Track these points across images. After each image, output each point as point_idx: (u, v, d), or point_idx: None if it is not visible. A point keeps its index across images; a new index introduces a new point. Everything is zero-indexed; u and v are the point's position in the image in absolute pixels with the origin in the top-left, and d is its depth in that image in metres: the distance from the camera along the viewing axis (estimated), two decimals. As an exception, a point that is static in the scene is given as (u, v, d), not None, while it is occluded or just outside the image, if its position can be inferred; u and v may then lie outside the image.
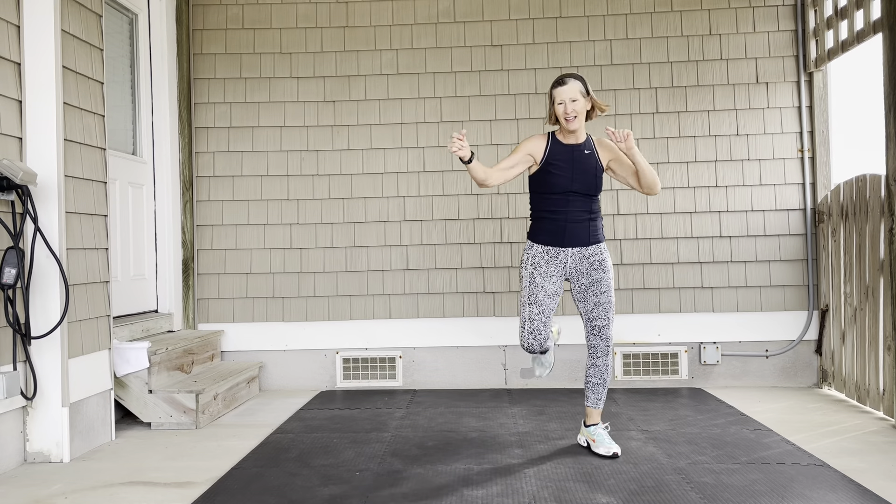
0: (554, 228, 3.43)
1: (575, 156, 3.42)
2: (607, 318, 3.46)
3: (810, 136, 5.00)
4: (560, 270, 3.45)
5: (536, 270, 3.43)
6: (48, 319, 3.46)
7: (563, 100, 3.38)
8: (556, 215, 3.42)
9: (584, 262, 3.44)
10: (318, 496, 2.95)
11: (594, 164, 3.44)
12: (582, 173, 3.41)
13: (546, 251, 3.44)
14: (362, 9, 5.17)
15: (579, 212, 3.42)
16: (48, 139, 3.47)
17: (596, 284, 3.44)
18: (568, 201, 3.41)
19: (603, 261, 3.45)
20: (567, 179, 3.40)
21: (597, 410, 3.56)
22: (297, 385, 5.14)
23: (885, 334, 4.08)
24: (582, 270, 3.45)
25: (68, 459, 3.49)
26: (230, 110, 5.18)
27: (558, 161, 3.41)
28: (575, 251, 3.44)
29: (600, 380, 3.53)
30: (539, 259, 3.44)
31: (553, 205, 3.43)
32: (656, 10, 5.08)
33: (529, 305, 3.42)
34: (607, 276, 3.45)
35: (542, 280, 3.42)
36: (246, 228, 5.17)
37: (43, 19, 3.46)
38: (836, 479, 3.05)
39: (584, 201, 3.43)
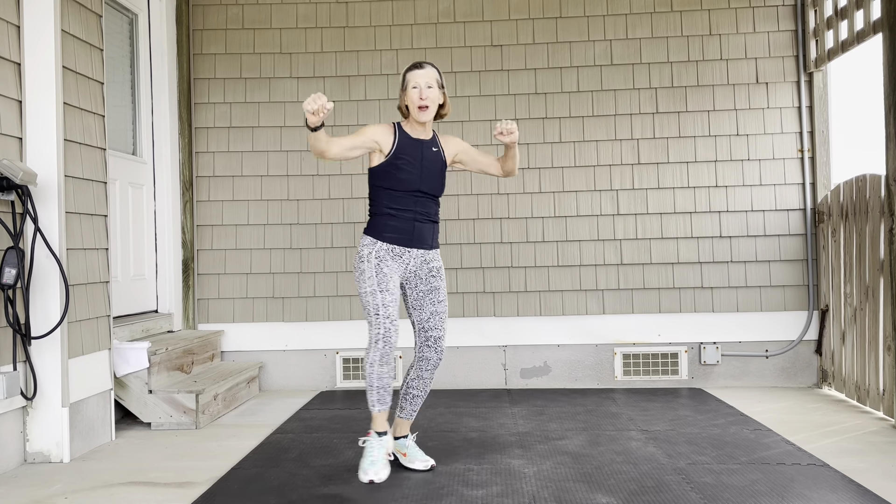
0: (402, 227, 3.15)
1: (424, 153, 3.19)
2: (443, 328, 3.24)
3: (810, 136, 5.00)
4: (400, 271, 3.17)
5: (381, 263, 3.12)
6: (48, 319, 3.46)
7: (417, 84, 3.12)
8: (405, 213, 3.15)
9: (425, 267, 3.21)
10: (318, 496, 2.95)
11: (441, 164, 3.23)
12: (430, 172, 3.18)
13: (391, 250, 3.14)
14: (362, 9, 5.17)
15: (426, 213, 3.19)
16: (48, 139, 3.47)
17: (434, 292, 3.22)
18: (416, 200, 3.16)
19: (440, 268, 3.25)
20: (416, 178, 3.15)
21: (409, 422, 3.36)
22: (297, 385, 5.14)
23: (885, 334, 4.08)
24: (421, 276, 3.21)
25: (68, 459, 3.49)
26: (230, 110, 5.18)
27: (407, 156, 3.15)
28: (419, 254, 3.19)
29: (422, 392, 3.30)
30: (384, 254, 3.13)
31: (400, 202, 3.15)
32: (656, 10, 5.08)
33: (381, 293, 3.08)
34: (444, 285, 3.25)
35: (388, 271, 3.12)
36: (246, 228, 5.17)
37: (43, 19, 3.46)
38: (836, 480, 3.05)
39: (432, 203, 3.22)
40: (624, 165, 5.06)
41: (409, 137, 3.19)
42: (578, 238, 5.06)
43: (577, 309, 5.06)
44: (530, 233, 5.08)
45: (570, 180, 5.08)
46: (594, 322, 5.06)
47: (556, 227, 5.07)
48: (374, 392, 3.12)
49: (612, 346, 5.06)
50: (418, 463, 3.28)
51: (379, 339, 3.08)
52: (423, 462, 3.29)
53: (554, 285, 5.06)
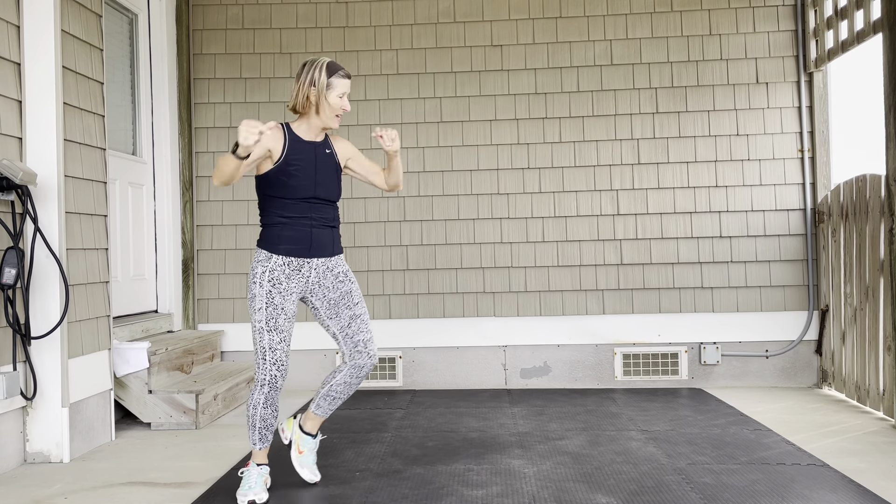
0: (298, 236, 2.91)
1: (318, 156, 2.96)
2: (368, 330, 3.03)
3: (810, 136, 5.00)
4: (300, 287, 2.94)
5: (275, 288, 2.87)
6: (48, 319, 3.46)
7: (345, 93, 2.92)
8: (300, 222, 2.92)
9: (329, 275, 2.98)
10: (318, 496, 2.95)
11: (335, 166, 3.02)
12: (325, 176, 2.96)
13: (287, 264, 2.90)
14: (362, 9, 5.17)
15: (324, 219, 2.97)
16: (48, 139, 3.47)
17: (347, 296, 3.00)
18: (311, 207, 2.93)
19: (347, 271, 3.04)
20: (310, 183, 2.91)
21: (322, 420, 3.13)
22: (296, 385, 5.14)
23: (885, 334, 4.08)
24: (327, 284, 2.98)
25: (68, 459, 3.49)
26: (230, 110, 5.18)
27: (298, 161, 2.91)
28: (320, 263, 2.96)
29: (345, 395, 3.08)
30: (279, 273, 2.88)
31: (294, 210, 2.91)
32: (656, 10, 5.08)
33: (269, 332, 2.86)
34: (356, 287, 3.04)
35: (281, 300, 2.87)
36: (246, 228, 5.16)
37: (43, 19, 3.46)
38: (836, 480, 3.05)
39: (330, 208, 3.00)
40: (624, 165, 5.06)
41: (301, 140, 2.94)
42: (578, 238, 5.06)
43: (577, 309, 5.06)
44: (530, 233, 5.07)
45: (570, 180, 5.08)
46: (594, 322, 5.06)
47: (556, 227, 5.07)
48: (255, 432, 2.95)
49: (612, 346, 5.06)
50: (307, 470, 3.10)
51: (265, 384, 2.90)
52: (312, 473, 3.10)
53: (554, 285, 5.06)
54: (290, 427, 3.16)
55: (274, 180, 2.90)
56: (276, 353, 2.88)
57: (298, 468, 3.10)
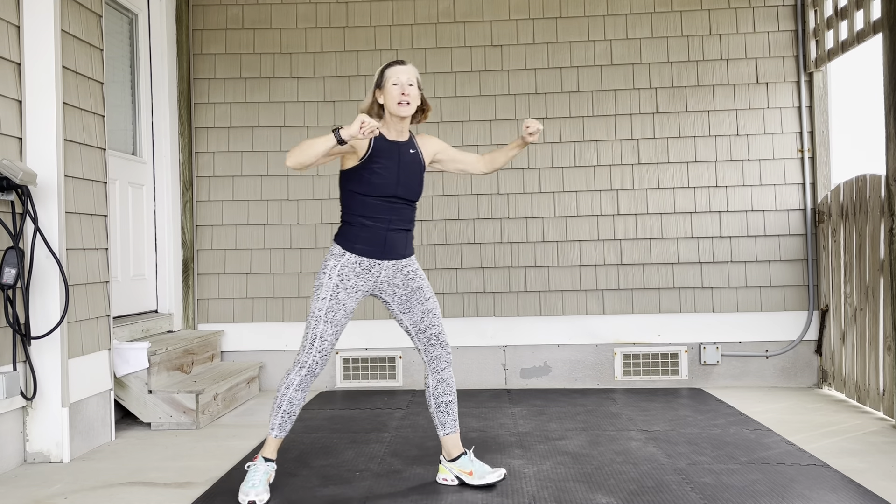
0: (373, 238, 2.95)
1: (402, 156, 2.98)
2: (441, 323, 3.08)
3: (810, 137, 5.00)
4: (368, 286, 2.99)
5: (343, 284, 2.93)
6: (48, 320, 3.46)
7: (399, 80, 2.92)
8: (377, 223, 2.96)
9: (398, 275, 3.02)
10: (317, 496, 2.95)
11: (420, 167, 3.04)
12: (408, 176, 2.98)
13: (359, 263, 2.95)
14: (362, 9, 5.17)
15: (400, 220, 3.00)
16: (48, 139, 3.47)
17: (418, 292, 3.04)
18: (391, 208, 2.97)
19: (416, 270, 3.06)
20: (392, 183, 2.94)
21: (457, 434, 3.10)
22: (297, 385, 5.13)
23: (885, 334, 4.08)
24: (397, 283, 3.03)
25: (68, 460, 3.49)
26: (230, 110, 5.18)
27: (383, 159, 2.94)
28: (390, 265, 3.00)
29: (452, 396, 3.09)
30: (349, 271, 2.94)
31: (374, 210, 2.95)
32: (656, 10, 5.08)
33: (325, 323, 2.93)
34: (426, 283, 3.08)
35: (345, 296, 2.93)
36: (246, 228, 5.16)
37: (43, 19, 3.46)
38: (837, 480, 3.05)
39: (406, 209, 3.01)
40: (624, 165, 5.06)
41: (386, 140, 2.98)
42: (578, 238, 5.06)
43: (577, 309, 5.06)
44: (530, 233, 5.07)
45: (570, 180, 5.08)
46: (594, 322, 5.06)
47: (556, 227, 5.07)
48: (279, 415, 2.96)
49: (612, 346, 5.06)
50: (490, 476, 3.02)
51: (305, 367, 2.95)
52: (495, 473, 3.04)
53: (554, 285, 5.06)
54: (443, 471, 3.11)
55: (358, 177, 2.95)
56: (324, 343, 2.95)
57: (482, 481, 3.02)
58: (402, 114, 2.94)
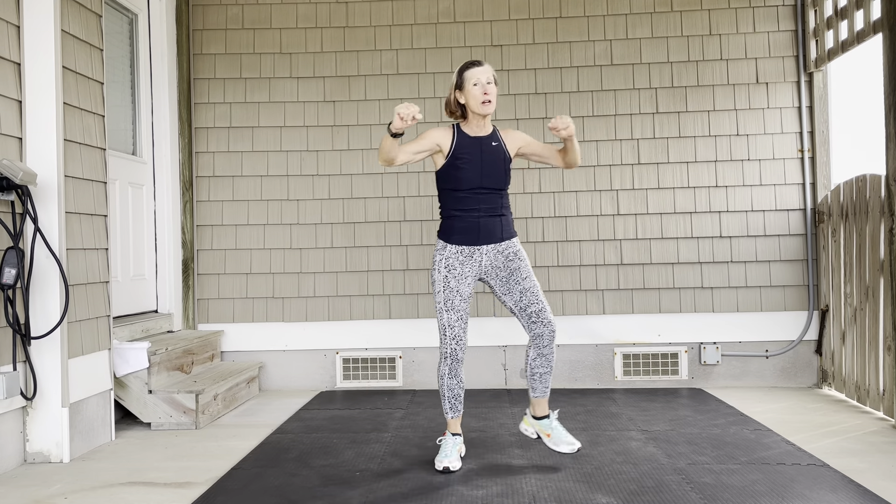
0: (467, 227, 3.24)
1: (483, 149, 3.24)
2: (540, 301, 3.27)
3: (810, 137, 5.00)
4: (475, 271, 3.28)
5: (451, 273, 3.24)
6: (48, 319, 3.46)
7: (479, 80, 3.18)
8: (469, 213, 3.24)
9: (500, 257, 3.29)
10: (318, 496, 2.95)
11: (503, 157, 3.27)
12: (491, 166, 3.23)
13: (461, 251, 3.25)
14: (362, 9, 5.17)
15: (490, 208, 3.25)
16: (48, 139, 3.47)
17: (516, 272, 3.28)
18: (479, 198, 3.24)
19: (517, 251, 3.30)
20: (476, 174, 3.22)
21: (545, 399, 3.38)
22: (296, 385, 5.14)
23: (885, 334, 4.08)
24: (498, 265, 3.29)
25: (68, 459, 3.49)
26: (230, 110, 5.18)
27: (465, 154, 3.22)
28: (490, 248, 3.27)
29: (548, 369, 3.33)
30: (453, 261, 3.25)
31: (464, 203, 3.24)
32: (656, 10, 5.08)
33: (447, 312, 3.24)
34: (525, 264, 3.29)
35: (456, 283, 3.24)
36: (246, 228, 5.17)
37: (43, 19, 3.46)
38: (837, 480, 3.05)
39: (495, 197, 3.26)
40: (624, 165, 5.06)
41: (468, 136, 3.26)
42: (578, 238, 5.06)
43: (577, 309, 5.06)
44: (530, 233, 5.07)
45: (570, 180, 5.08)
46: (594, 322, 5.06)
47: (556, 227, 5.07)
48: (446, 401, 3.34)
49: (612, 346, 5.06)
50: (564, 446, 3.30)
51: (447, 356, 3.28)
52: (570, 445, 3.30)
53: (554, 285, 5.06)
54: (528, 424, 3.46)
55: (446, 174, 3.25)
56: (453, 330, 3.24)
57: (556, 447, 3.33)
58: (485, 112, 3.21)
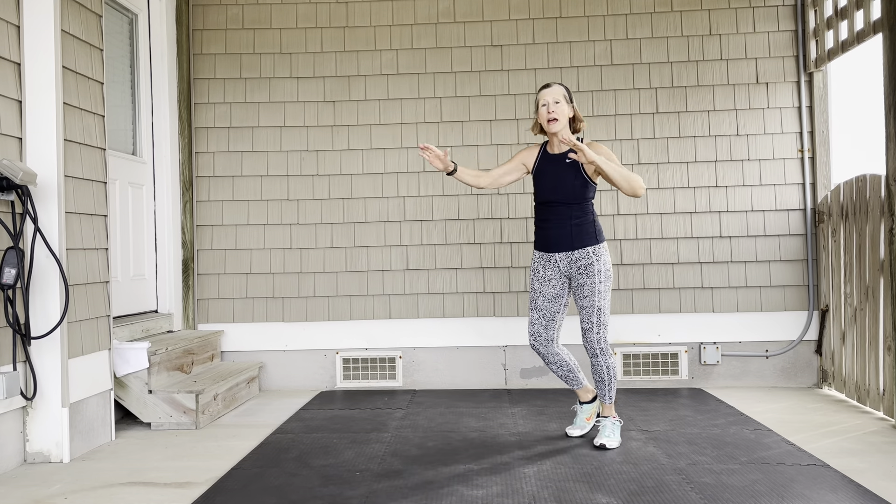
0: (542, 235, 3.66)
1: (558, 166, 3.58)
2: (590, 321, 3.55)
3: (810, 137, 5.00)
4: (558, 273, 3.62)
5: (535, 276, 3.67)
6: (48, 319, 3.46)
7: (546, 101, 3.54)
8: (544, 223, 3.64)
9: (573, 266, 3.58)
10: (318, 496, 2.95)
11: (574, 173, 3.55)
12: (561, 182, 3.56)
13: (541, 257, 3.67)
14: (362, 9, 5.17)
15: (560, 219, 3.57)
16: (48, 139, 3.47)
17: (580, 289, 3.56)
18: (550, 210, 3.60)
19: (589, 265, 3.54)
20: (549, 189, 3.59)
21: (606, 406, 3.68)
22: (296, 385, 5.14)
23: (885, 334, 4.08)
24: (573, 274, 3.60)
25: (68, 459, 3.49)
26: (230, 110, 5.18)
27: (543, 171, 3.63)
28: (563, 255, 3.59)
29: (598, 378, 3.63)
30: (537, 265, 3.68)
31: (541, 213, 3.66)
32: (656, 10, 5.08)
33: (531, 311, 3.69)
34: (591, 281, 3.52)
35: (539, 286, 3.65)
36: (246, 228, 5.17)
37: (43, 19, 3.46)
38: (837, 480, 3.05)
39: (565, 209, 3.57)
40: (624, 165, 5.06)
41: (549, 154, 3.65)
42: (578, 238, 5.06)
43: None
44: (530, 233, 5.07)
45: (570, 180, 5.07)
46: (594, 322, 5.06)
47: (556, 227, 5.07)
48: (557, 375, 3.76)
49: (612, 346, 5.06)
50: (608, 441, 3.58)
51: (532, 347, 3.72)
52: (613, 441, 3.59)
53: (554, 285, 5.06)
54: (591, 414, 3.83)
55: (533, 187, 3.69)
56: (533, 326, 3.68)
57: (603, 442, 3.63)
58: (552, 130, 3.56)
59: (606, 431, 3.59)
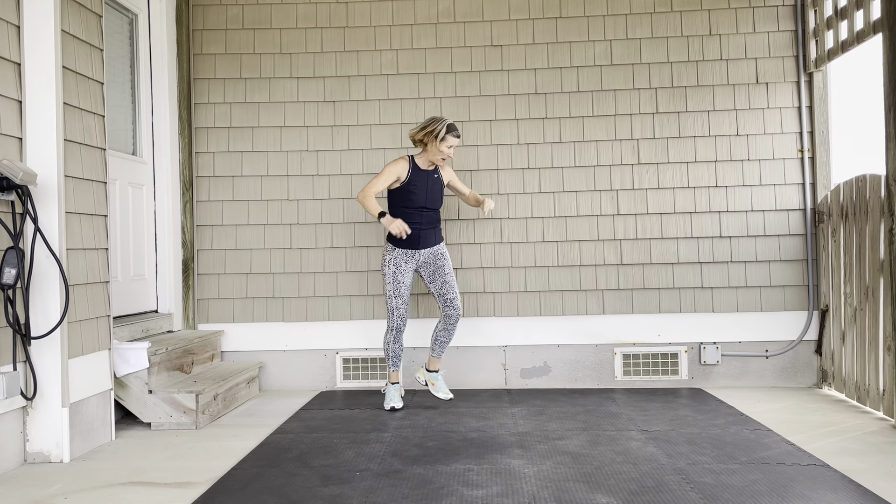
0: (412, 236, 4.33)
1: (430, 180, 4.40)
2: (455, 292, 4.46)
3: (810, 137, 5.00)
4: (413, 266, 4.42)
5: (398, 269, 4.36)
6: (48, 319, 3.46)
7: (453, 146, 4.33)
8: (413, 225, 4.32)
9: (431, 256, 4.44)
10: (318, 496, 2.95)
11: (441, 185, 4.47)
12: (433, 193, 4.40)
13: (405, 253, 4.37)
14: (362, 9, 5.17)
15: (429, 221, 4.40)
16: (48, 139, 3.47)
17: (441, 268, 4.45)
18: (422, 214, 4.36)
19: (443, 253, 4.48)
20: (422, 198, 4.35)
21: (439, 360, 4.62)
22: (296, 385, 5.14)
23: (885, 334, 4.08)
24: (429, 262, 4.45)
25: (68, 459, 3.49)
26: (230, 110, 5.18)
27: (417, 183, 4.35)
28: (426, 251, 4.42)
29: (448, 339, 4.53)
30: (399, 260, 4.36)
31: (410, 217, 4.33)
32: (656, 10, 5.08)
33: (395, 298, 4.36)
34: (448, 262, 4.48)
35: (402, 277, 4.37)
36: (246, 228, 5.17)
37: (43, 19, 3.46)
38: (836, 480, 3.05)
39: (433, 213, 4.41)
40: (624, 165, 5.06)
41: (419, 169, 4.40)
42: (578, 238, 5.06)
43: (577, 309, 5.06)
44: (530, 233, 5.08)
45: (570, 180, 5.08)
46: (594, 322, 5.06)
47: (556, 227, 5.08)
48: (389, 360, 4.51)
49: (612, 346, 5.06)
50: (441, 394, 4.62)
51: (393, 329, 4.43)
52: (445, 394, 4.62)
53: (554, 285, 5.06)
54: (422, 374, 4.69)
55: (399, 195, 4.36)
56: (399, 311, 4.38)
57: (436, 393, 4.64)
58: (438, 164, 4.43)
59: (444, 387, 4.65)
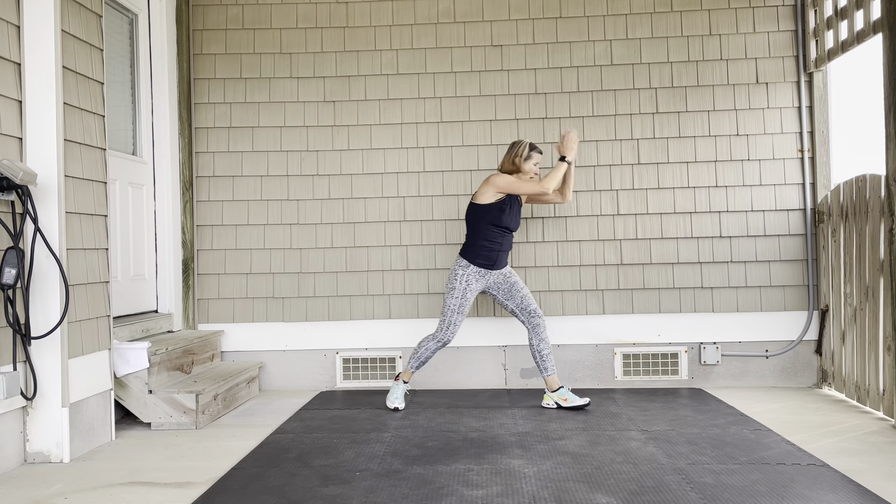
0: (490, 256, 4.34)
1: (515, 202, 4.40)
2: (533, 301, 4.46)
3: (810, 137, 5.00)
4: (483, 286, 4.41)
5: (469, 287, 4.34)
6: (48, 319, 3.46)
7: (538, 163, 4.39)
8: (495, 245, 4.33)
9: (501, 277, 4.42)
10: (318, 496, 2.95)
11: (521, 206, 4.45)
12: (517, 215, 4.41)
13: (478, 272, 4.35)
14: (362, 9, 5.17)
15: (507, 245, 4.40)
16: (48, 139, 3.47)
17: (514, 285, 4.44)
18: (504, 236, 4.36)
19: (511, 271, 4.47)
20: (510, 221, 4.36)
21: (555, 376, 4.43)
22: (296, 385, 5.14)
23: (885, 334, 4.08)
24: (500, 282, 4.43)
25: (68, 460, 3.49)
26: (230, 110, 5.18)
27: (510, 205, 4.36)
28: (497, 272, 4.41)
29: (550, 349, 4.44)
30: (472, 278, 4.34)
31: (494, 237, 4.32)
32: (656, 10, 5.08)
33: (458, 313, 4.34)
34: (518, 278, 4.47)
35: (470, 295, 4.36)
36: (246, 228, 5.17)
37: (43, 19, 3.46)
38: (836, 480, 3.05)
39: (510, 237, 4.42)
40: (624, 165, 5.06)
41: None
42: (578, 238, 5.06)
43: (577, 309, 5.06)
44: (530, 233, 5.08)
45: (570, 180, 5.08)
46: (594, 322, 5.06)
47: (556, 227, 5.07)
48: (416, 361, 4.46)
49: (612, 346, 5.06)
50: (579, 402, 4.38)
51: (441, 341, 4.40)
52: (581, 400, 4.39)
53: (554, 285, 5.06)
54: (548, 399, 4.46)
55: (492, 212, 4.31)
56: (456, 327, 4.37)
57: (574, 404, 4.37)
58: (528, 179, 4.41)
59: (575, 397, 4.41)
